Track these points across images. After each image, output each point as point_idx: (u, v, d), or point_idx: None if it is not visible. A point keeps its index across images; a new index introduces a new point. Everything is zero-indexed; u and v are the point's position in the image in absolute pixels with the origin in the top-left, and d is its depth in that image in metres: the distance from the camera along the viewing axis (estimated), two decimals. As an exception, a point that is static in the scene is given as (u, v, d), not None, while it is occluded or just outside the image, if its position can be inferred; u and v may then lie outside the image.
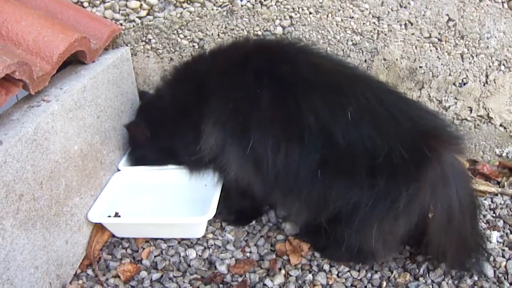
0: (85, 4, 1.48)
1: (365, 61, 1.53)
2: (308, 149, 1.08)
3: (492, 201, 1.46)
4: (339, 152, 1.06)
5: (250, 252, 1.26)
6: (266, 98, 1.12)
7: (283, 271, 1.19)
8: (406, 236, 1.13)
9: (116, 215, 1.31)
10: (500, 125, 1.60)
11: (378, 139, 1.04)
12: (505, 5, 1.44)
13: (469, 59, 1.51)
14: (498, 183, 1.56)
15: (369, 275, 1.19)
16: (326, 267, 1.21)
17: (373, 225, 1.06)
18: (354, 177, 1.05)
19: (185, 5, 1.46)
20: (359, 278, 1.18)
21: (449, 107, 1.58)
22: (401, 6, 1.45)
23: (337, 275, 1.19)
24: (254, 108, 1.13)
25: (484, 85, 1.54)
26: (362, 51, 1.52)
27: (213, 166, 1.30)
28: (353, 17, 1.47)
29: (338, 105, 1.08)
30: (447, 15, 1.46)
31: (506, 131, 1.61)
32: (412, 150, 1.02)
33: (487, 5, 1.44)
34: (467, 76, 1.53)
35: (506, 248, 1.27)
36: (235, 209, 1.37)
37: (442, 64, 1.52)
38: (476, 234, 1.19)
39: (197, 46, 1.54)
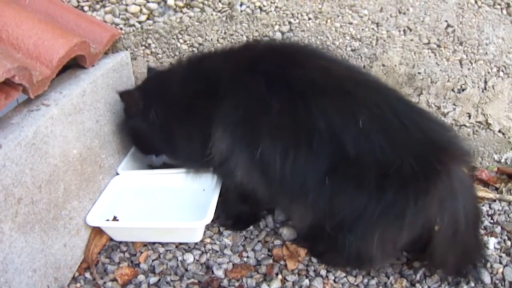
0: (86, 8, 1.48)
1: (364, 67, 1.53)
2: (317, 155, 1.08)
3: (490, 207, 1.46)
4: (348, 160, 1.05)
5: (247, 257, 1.26)
6: (276, 104, 1.11)
7: (280, 276, 1.19)
8: (406, 244, 1.14)
9: (114, 219, 1.31)
10: (499, 131, 1.60)
11: (388, 150, 1.03)
12: (504, 11, 1.45)
13: (468, 65, 1.52)
14: (497, 189, 1.56)
15: (365, 280, 1.19)
16: (323, 272, 1.21)
17: (376, 234, 1.06)
18: (363, 186, 1.05)
19: (184, 10, 1.47)
20: (355, 283, 1.18)
21: (448, 113, 1.58)
22: (400, 12, 1.45)
23: (334, 280, 1.19)
24: (264, 114, 1.12)
25: (482, 91, 1.55)
26: (361, 57, 1.52)
27: (214, 169, 1.30)
28: (352, 23, 1.47)
29: (350, 112, 1.07)
30: (446, 21, 1.46)
31: (505, 137, 1.62)
32: (423, 162, 1.02)
33: (486, 12, 1.45)
34: (465, 82, 1.54)
35: (503, 255, 1.27)
36: (233, 214, 1.37)
37: (440, 70, 1.52)
38: (477, 244, 1.20)
39: (196, 51, 1.55)
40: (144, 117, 1.33)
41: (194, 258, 1.25)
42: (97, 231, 1.29)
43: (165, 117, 1.31)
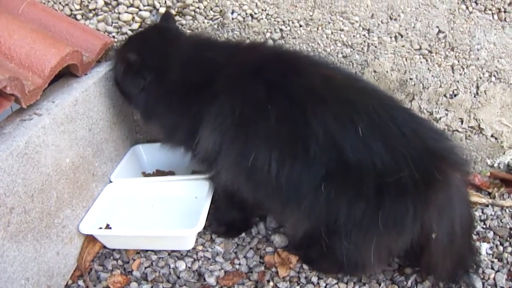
0: (78, 16, 1.49)
1: (355, 73, 1.53)
2: (314, 163, 1.07)
3: (482, 212, 1.47)
4: (347, 168, 1.05)
5: (239, 264, 1.27)
6: (275, 112, 1.11)
7: (271, 283, 1.20)
8: (400, 250, 1.15)
9: (107, 226, 1.32)
10: (491, 135, 1.61)
11: (388, 158, 1.04)
12: (495, 16, 1.46)
13: (460, 70, 1.52)
14: (489, 194, 1.56)
15: (356, 287, 1.19)
16: (314, 279, 1.21)
17: (373, 242, 1.06)
18: (361, 194, 1.05)
19: (176, 18, 1.47)
20: (346, 290, 1.19)
21: (440, 118, 1.59)
22: (391, 19, 1.46)
23: (325, 287, 1.19)
24: (262, 120, 1.12)
25: (474, 96, 1.55)
26: (353, 63, 1.53)
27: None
28: (343, 30, 1.48)
29: (349, 120, 1.07)
30: (437, 27, 1.47)
31: (497, 141, 1.62)
32: (422, 171, 1.02)
33: (477, 17, 1.46)
34: (457, 87, 1.54)
35: (496, 260, 1.28)
36: (226, 221, 1.38)
37: (432, 75, 1.53)
38: (470, 250, 1.21)
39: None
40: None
41: (186, 265, 1.26)
42: (90, 239, 1.30)
43: (153, 87, 1.30)
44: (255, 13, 1.47)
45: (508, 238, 1.36)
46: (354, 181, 1.05)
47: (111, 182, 1.44)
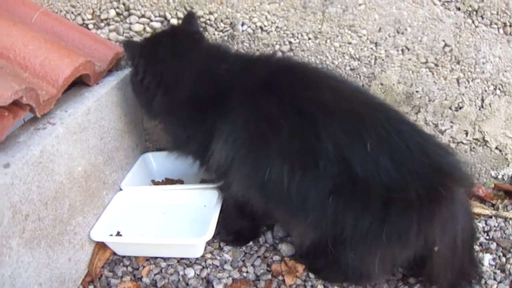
0: (90, 26, 1.52)
1: (363, 86, 1.56)
2: (323, 177, 1.09)
3: (486, 224, 1.49)
4: (354, 182, 1.07)
5: (247, 272, 1.29)
6: (286, 126, 1.13)
7: (278, 291, 1.22)
8: (404, 261, 1.17)
9: (118, 234, 1.34)
10: (496, 148, 1.63)
11: (394, 173, 1.06)
12: (501, 30, 1.48)
13: (465, 83, 1.54)
14: (493, 205, 1.58)
15: (362, 296, 1.21)
16: (320, 287, 1.24)
17: (378, 254, 1.09)
18: (367, 207, 1.07)
19: (187, 29, 1.50)
20: (352, 299, 1.21)
21: (445, 130, 1.61)
22: (398, 32, 1.48)
23: (331, 296, 1.22)
24: (274, 135, 1.14)
25: (479, 109, 1.57)
26: (360, 76, 1.55)
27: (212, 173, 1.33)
28: (351, 43, 1.50)
29: (358, 135, 1.09)
30: (444, 40, 1.49)
31: (502, 153, 1.64)
32: (427, 187, 1.04)
33: (483, 31, 1.48)
34: (463, 100, 1.56)
35: (498, 271, 1.29)
36: (234, 230, 1.39)
37: (438, 88, 1.55)
38: (472, 262, 1.24)
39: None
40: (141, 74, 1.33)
41: (195, 272, 1.28)
42: (101, 246, 1.32)
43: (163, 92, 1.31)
44: (265, 26, 1.49)
45: (511, 250, 1.37)
46: (361, 195, 1.07)
47: (121, 190, 1.46)
